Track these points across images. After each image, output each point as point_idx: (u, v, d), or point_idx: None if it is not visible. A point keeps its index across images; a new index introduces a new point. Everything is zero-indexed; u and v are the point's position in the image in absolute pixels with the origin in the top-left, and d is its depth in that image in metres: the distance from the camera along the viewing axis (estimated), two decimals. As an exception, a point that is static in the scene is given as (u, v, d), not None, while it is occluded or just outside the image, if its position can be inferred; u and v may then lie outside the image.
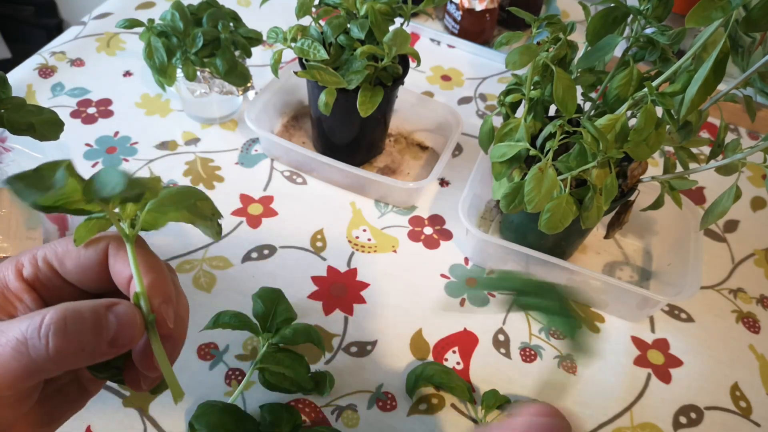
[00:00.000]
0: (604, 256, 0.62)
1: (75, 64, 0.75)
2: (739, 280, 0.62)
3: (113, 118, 0.69)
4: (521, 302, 0.38)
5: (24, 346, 0.26)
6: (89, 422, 0.46)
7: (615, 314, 0.57)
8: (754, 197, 0.71)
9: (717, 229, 0.67)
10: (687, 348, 0.56)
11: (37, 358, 0.26)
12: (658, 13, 0.44)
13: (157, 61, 0.60)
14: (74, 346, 0.26)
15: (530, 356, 0.54)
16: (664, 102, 0.43)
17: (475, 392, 0.51)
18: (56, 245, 0.30)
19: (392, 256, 0.60)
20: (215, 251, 0.58)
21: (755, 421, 0.52)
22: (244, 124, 0.70)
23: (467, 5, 0.80)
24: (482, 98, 0.78)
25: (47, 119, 0.47)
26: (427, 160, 0.69)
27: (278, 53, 0.56)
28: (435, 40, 0.86)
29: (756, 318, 0.59)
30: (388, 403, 0.50)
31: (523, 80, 0.51)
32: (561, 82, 0.45)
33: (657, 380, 0.53)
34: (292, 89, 0.71)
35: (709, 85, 0.39)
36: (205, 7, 0.63)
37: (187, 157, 0.66)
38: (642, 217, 0.63)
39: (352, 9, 0.55)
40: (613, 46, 0.46)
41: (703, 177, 0.70)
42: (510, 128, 0.49)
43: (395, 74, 0.58)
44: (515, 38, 0.48)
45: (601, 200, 0.47)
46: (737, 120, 0.79)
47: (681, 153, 0.50)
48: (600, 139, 0.44)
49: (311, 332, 0.48)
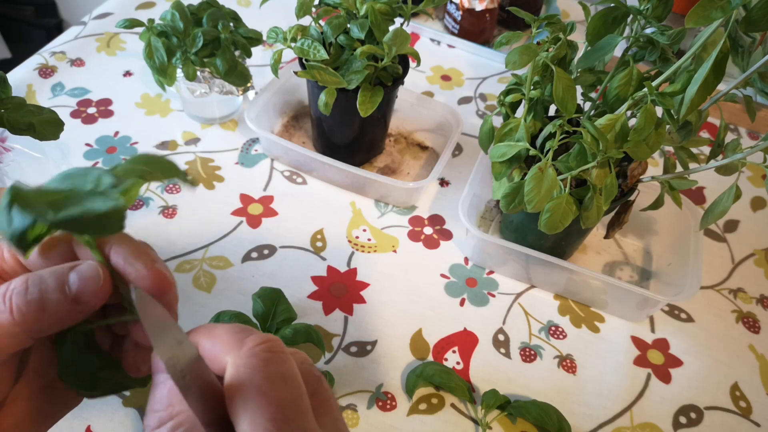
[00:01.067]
0: (604, 256, 0.62)
1: (75, 64, 0.75)
2: (739, 280, 0.62)
3: (113, 118, 0.69)
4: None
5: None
6: (89, 422, 0.46)
7: (615, 314, 0.57)
8: (754, 197, 0.71)
9: (717, 229, 0.67)
10: (687, 348, 0.56)
11: (4, 322, 0.26)
12: (658, 13, 0.44)
13: (157, 61, 0.60)
14: (35, 305, 0.26)
15: (530, 356, 0.54)
16: (664, 102, 0.43)
17: (475, 392, 0.51)
18: None
19: (392, 256, 0.60)
20: (215, 251, 0.58)
21: (755, 421, 0.52)
22: (244, 124, 0.70)
23: (467, 5, 0.80)
24: (482, 98, 0.78)
25: (47, 119, 0.47)
26: (427, 160, 0.69)
27: (278, 53, 0.56)
28: (435, 40, 0.86)
29: (756, 318, 0.59)
30: (388, 403, 0.50)
31: (523, 80, 0.51)
32: (561, 82, 0.45)
33: (657, 380, 0.53)
34: (292, 89, 0.71)
35: (709, 85, 0.39)
36: (205, 7, 0.63)
37: (187, 157, 0.66)
38: (642, 217, 0.63)
39: (352, 9, 0.55)
40: (613, 46, 0.46)
41: (703, 177, 0.70)
42: (510, 128, 0.49)
43: (395, 74, 0.58)
44: (515, 38, 0.48)
45: (601, 200, 0.47)
46: (737, 120, 0.79)
47: (681, 153, 0.50)
48: (600, 139, 0.44)
49: (311, 332, 0.48)
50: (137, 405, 0.48)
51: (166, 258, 0.57)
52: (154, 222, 0.60)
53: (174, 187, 0.63)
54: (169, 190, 0.63)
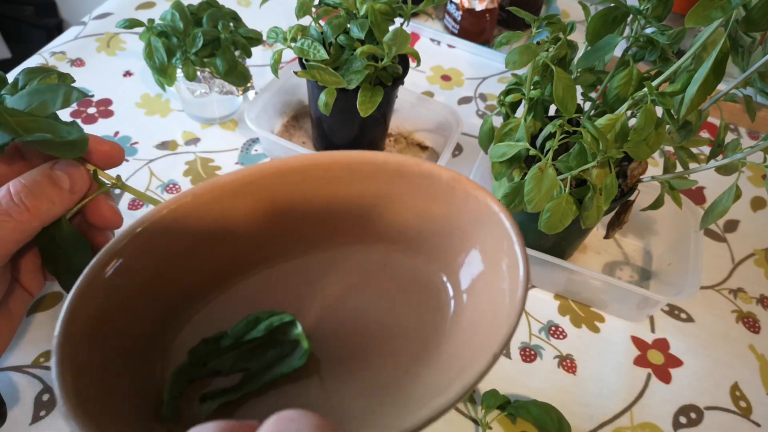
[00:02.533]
0: (604, 256, 0.62)
1: (75, 64, 0.75)
2: (739, 280, 0.62)
3: (113, 118, 0.69)
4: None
5: (6, 214, 0.32)
6: (89, 422, 0.46)
7: (615, 314, 0.57)
8: (754, 197, 0.71)
9: (717, 229, 0.67)
10: (687, 348, 0.56)
11: (22, 218, 0.32)
12: (658, 12, 0.44)
13: (157, 61, 0.60)
14: (46, 201, 0.33)
15: (530, 356, 0.54)
16: (664, 102, 0.43)
17: (475, 392, 0.51)
18: None
19: (392, 256, 0.60)
20: (215, 251, 0.58)
21: (755, 421, 0.52)
22: (244, 124, 0.70)
23: (467, 5, 0.80)
24: (482, 98, 0.78)
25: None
26: (427, 159, 0.69)
27: (278, 53, 0.56)
28: (435, 40, 0.86)
29: (756, 318, 0.59)
30: (388, 403, 0.50)
31: (523, 80, 0.51)
32: (561, 82, 0.45)
33: (657, 380, 0.53)
34: (292, 89, 0.71)
35: (709, 84, 0.39)
36: (205, 7, 0.63)
37: (187, 157, 0.66)
38: (642, 217, 0.63)
39: (352, 9, 0.55)
40: (613, 45, 0.46)
41: (703, 177, 0.70)
42: (510, 128, 0.49)
43: (395, 74, 0.58)
44: (515, 38, 0.48)
45: (601, 200, 0.47)
46: (737, 120, 0.79)
47: (681, 153, 0.50)
48: (600, 138, 0.44)
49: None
50: (137, 405, 0.48)
51: (166, 258, 0.57)
52: (154, 222, 0.60)
53: (174, 187, 0.63)
54: (169, 190, 0.63)
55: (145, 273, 0.30)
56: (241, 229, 0.32)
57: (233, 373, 0.31)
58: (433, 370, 0.28)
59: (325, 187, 0.32)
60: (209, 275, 0.33)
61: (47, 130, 0.32)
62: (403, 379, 0.29)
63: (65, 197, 0.34)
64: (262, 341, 0.31)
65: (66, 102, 0.34)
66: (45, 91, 0.34)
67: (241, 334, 0.31)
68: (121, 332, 0.29)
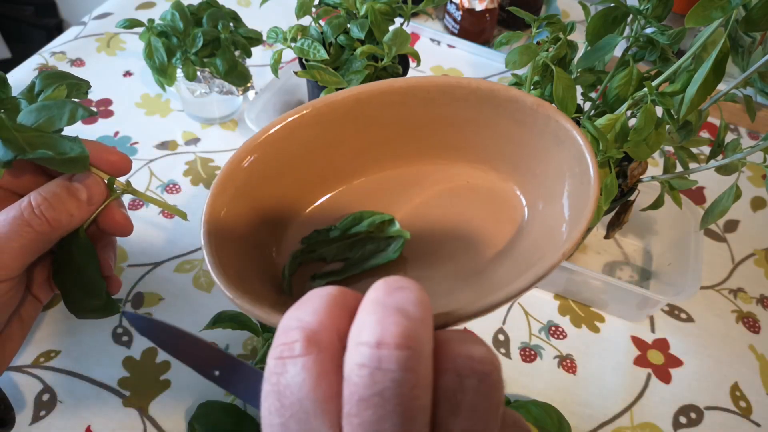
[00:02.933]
0: (604, 256, 0.62)
1: (75, 64, 0.75)
2: (739, 280, 0.62)
3: (113, 118, 0.69)
4: None
5: (28, 225, 0.34)
6: (89, 422, 0.46)
7: (615, 314, 0.57)
8: (754, 197, 0.71)
9: (717, 229, 0.67)
10: (687, 348, 0.56)
11: (42, 229, 0.34)
12: (658, 12, 0.44)
13: (157, 61, 0.60)
14: (65, 213, 0.35)
15: (530, 356, 0.54)
16: (664, 102, 0.43)
17: (475, 392, 0.51)
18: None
19: (392, 256, 0.60)
20: (215, 251, 0.58)
21: (755, 421, 0.52)
22: (244, 124, 0.70)
23: (467, 5, 0.80)
24: (482, 98, 0.78)
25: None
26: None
27: (278, 53, 0.56)
28: (435, 40, 0.86)
29: (756, 318, 0.59)
30: (388, 403, 0.50)
31: (523, 80, 0.51)
32: (561, 82, 0.45)
33: (657, 380, 0.53)
34: (292, 89, 0.71)
35: (709, 84, 0.39)
36: (205, 7, 0.63)
37: (187, 157, 0.66)
38: (642, 217, 0.63)
39: (352, 9, 0.55)
40: (613, 46, 0.46)
41: (703, 177, 0.70)
42: (510, 128, 0.49)
43: (395, 74, 0.58)
44: (515, 38, 0.48)
45: (601, 200, 0.47)
46: (737, 120, 0.79)
47: (681, 153, 0.50)
48: (600, 138, 0.44)
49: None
50: (137, 405, 0.48)
51: (166, 258, 0.57)
52: (154, 222, 0.60)
53: (174, 187, 0.63)
54: (169, 190, 0.63)
55: (270, 171, 0.35)
56: (347, 140, 0.37)
57: (335, 261, 0.35)
58: (507, 265, 0.32)
59: (420, 107, 0.36)
60: (318, 178, 0.38)
61: (50, 146, 0.34)
62: (482, 270, 0.33)
63: (83, 208, 0.36)
64: (364, 235, 0.36)
65: (71, 119, 0.36)
66: (52, 107, 0.37)
67: (348, 227, 0.36)
68: (247, 218, 0.35)
